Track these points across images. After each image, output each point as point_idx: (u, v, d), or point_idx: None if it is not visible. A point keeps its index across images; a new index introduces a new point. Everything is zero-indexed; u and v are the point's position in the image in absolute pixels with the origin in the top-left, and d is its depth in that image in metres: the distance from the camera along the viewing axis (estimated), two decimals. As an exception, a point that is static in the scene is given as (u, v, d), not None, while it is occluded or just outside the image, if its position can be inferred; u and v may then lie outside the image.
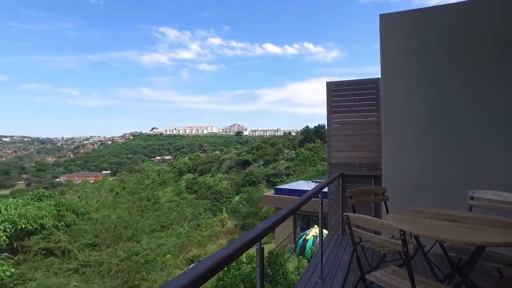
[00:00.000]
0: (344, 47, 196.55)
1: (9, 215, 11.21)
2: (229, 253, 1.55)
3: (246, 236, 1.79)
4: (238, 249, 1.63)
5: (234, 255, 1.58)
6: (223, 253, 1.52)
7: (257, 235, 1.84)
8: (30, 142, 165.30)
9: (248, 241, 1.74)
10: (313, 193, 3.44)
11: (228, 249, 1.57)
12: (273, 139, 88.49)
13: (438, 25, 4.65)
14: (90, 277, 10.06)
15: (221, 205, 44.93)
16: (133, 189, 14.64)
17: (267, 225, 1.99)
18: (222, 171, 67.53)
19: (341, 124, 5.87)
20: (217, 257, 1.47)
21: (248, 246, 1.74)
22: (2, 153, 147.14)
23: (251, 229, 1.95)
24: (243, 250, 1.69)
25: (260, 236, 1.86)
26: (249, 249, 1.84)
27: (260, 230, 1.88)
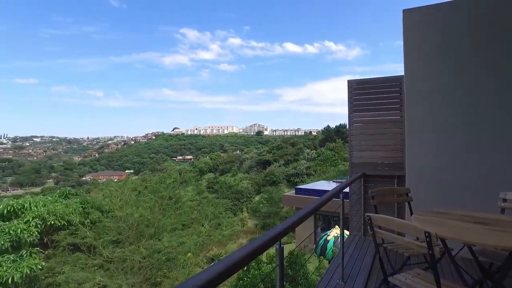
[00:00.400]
0: (366, 45, 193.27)
1: (39, 212, 11.66)
2: (248, 252, 1.53)
3: (266, 235, 1.77)
4: (257, 248, 1.60)
5: (252, 255, 1.56)
6: (242, 252, 1.51)
7: (277, 235, 1.81)
8: (58, 142, 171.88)
9: (267, 240, 1.72)
10: (334, 193, 3.37)
11: (246, 249, 1.55)
12: (293, 138, 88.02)
13: (466, 19, 4.46)
14: (114, 273, 10.33)
15: (241, 205, 45.07)
16: (155, 188, 14.92)
17: (287, 225, 1.96)
18: (242, 170, 67.78)
19: (363, 123, 5.74)
20: (235, 256, 1.45)
21: (267, 245, 1.72)
22: (33, 152, 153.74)
23: (270, 229, 1.93)
24: (262, 249, 1.67)
25: (280, 236, 1.83)
26: (268, 248, 1.82)
27: (279, 230, 1.85)
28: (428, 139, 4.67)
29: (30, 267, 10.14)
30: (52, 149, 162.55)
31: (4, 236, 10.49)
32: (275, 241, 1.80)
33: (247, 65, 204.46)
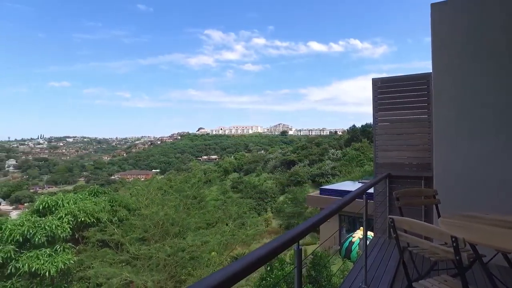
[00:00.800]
0: (393, 42, 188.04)
1: (71, 209, 12.14)
2: (264, 253, 1.52)
3: (284, 236, 1.74)
4: (274, 249, 1.59)
5: (269, 256, 1.54)
6: (258, 253, 1.49)
7: (296, 236, 1.79)
8: (89, 142, 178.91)
9: (285, 241, 1.70)
10: (357, 194, 3.29)
11: (263, 250, 1.54)
12: (318, 138, 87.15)
13: (500, 11, 4.21)
14: (140, 269, 10.62)
15: (265, 205, 45.07)
16: (180, 188, 15.18)
17: (306, 226, 1.93)
18: (267, 170, 67.77)
19: (389, 122, 5.57)
20: (252, 257, 1.44)
21: (285, 247, 1.69)
22: (66, 152, 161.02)
23: (289, 230, 1.90)
24: (280, 250, 1.65)
25: (299, 237, 1.81)
26: (286, 250, 1.79)
27: (298, 231, 1.83)
28: (458, 139, 4.47)
29: (64, 261, 10.57)
30: (83, 149, 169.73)
31: (40, 231, 10.98)
32: (293, 242, 1.78)
33: (271, 65, 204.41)
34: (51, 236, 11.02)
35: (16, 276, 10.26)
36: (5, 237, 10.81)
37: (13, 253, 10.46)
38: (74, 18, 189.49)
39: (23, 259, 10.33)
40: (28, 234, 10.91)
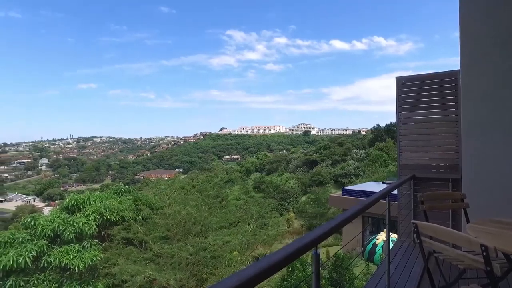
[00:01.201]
0: (419, 39, 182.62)
1: (97, 207, 12.53)
2: (280, 259, 1.48)
3: (301, 240, 1.70)
4: (290, 254, 1.55)
5: (285, 261, 1.50)
6: (274, 258, 1.46)
7: (313, 240, 1.74)
8: (115, 142, 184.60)
9: (302, 246, 1.65)
10: (380, 196, 3.18)
11: (279, 255, 1.50)
12: (341, 138, 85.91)
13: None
14: (163, 267, 10.80)
15: (287, 205, 44.86)
16: (202, 187, 15.35)
17: (325, 230, 1.87)
18: (289, 170, 67.50)
19: (413, 122, 5.38)
20: (266, 262, 1.40)
21: (302, 251, 1.65)
22: (94, 152, 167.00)
23: (306, 233, 1.85)
24: (297, 255, 1.61)
25: (317, 242, 1.76)
26: (303, 254, 1.75)
27: (316, 235, 1.77)
28: (489, 139, 4.24)
29: (91, 257, 10.92)
30: (109, 148, 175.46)
31: (69, 227, 11.41)
32: (311, 247, 1.73)
33: (293, 64, 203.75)
34: (79, 233, 11.41)
35: (48, 270, 10.70)
36: (38, 232, 11.33)
37: (45, 247, 10.93)
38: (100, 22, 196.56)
39: (54, 253, 10.76)
40: (59, 230, 11.37)
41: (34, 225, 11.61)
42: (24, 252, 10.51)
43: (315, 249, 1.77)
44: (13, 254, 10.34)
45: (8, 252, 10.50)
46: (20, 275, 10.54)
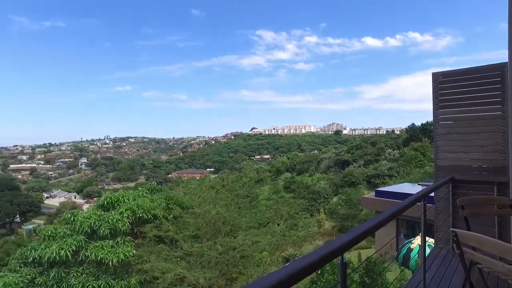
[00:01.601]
0: (459, 32, 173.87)
1: (130, 205, 12.93)
2: (303, 267, 1.38)
3: (325, 248, 1.58)
4: (314, 263, 1.44)
5: (309, 270, 1.40)
6: (295, 267, 1.36)
7: (339, 248, 1.61)
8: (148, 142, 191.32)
9: (327, 254, 1.53)
10: (415, 199, 2.96)
11: (302, 262, 1.40)
12: (374, 138, 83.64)
13: None
14: (193, 266, 10.94)
15: (318, 206, 44.29)
16: (231, 187, 15.42)
17: (351, 237, 1.73)
18: (320, 170, 66.67)
19: (452, 120, 5.02)
20: (288, 271, 1.31)
21: (327, 259, 1.53)
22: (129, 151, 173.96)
23: (332, 240, 1.73)
24: (320, 264, 1.49)
25: (343, 250, 1.63)
26: (328, 262, 1.63)
27: (342, 243, 1.64)
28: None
29: (124, 253, 11.29)
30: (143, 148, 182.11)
31: (105, 224, 11.90)
32: (336, 255, 1.60)
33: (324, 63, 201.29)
34: (113, 229, 11.85)
35: (85, 263, 11.21)
36: (77, 227, 11.92)
37: (83, 242, 11.47)
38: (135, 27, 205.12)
39: (91, 248, 11.26)
40: (95, 226, 11.89)
41: (73, 221, 12.22)
42: (65, 246, 11.10)
43: (341, 257, 1.64)
44: (55, 247, 10.97)
45: (51, 245, 11.14)
46: (61, 267, 11.13)
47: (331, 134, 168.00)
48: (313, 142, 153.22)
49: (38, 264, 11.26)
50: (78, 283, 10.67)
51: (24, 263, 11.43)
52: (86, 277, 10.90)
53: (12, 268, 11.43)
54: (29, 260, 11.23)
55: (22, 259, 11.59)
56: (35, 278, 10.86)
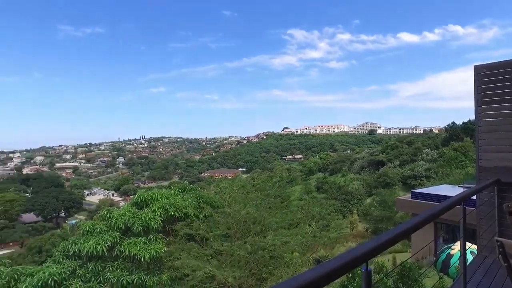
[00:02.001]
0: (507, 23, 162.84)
1: (163, 203, 13.25)
2: (322, 274, 1.27)
3: (349, 254, 1.45)
4: (334, 271, 1.32)
5: (328, 278, 1.29)
6: (313, 274, 1.25)
7: (362, 255, 1.48)
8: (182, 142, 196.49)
9: (349, 261, 1.41)
10: (454, 202, 2.72)
11: (320, 270, 1.29)
12: (410, 137, 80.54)
13: None
14: (222, 264, 11.01)
15: (351, 207, 43.31)
16: (262, 187, 15.33)
17: (377, 243, 1.59)
18: (353, 171, 65.29)
19: (498, 117, 4.62)
20: (306, 278, 1.22)
21: (349, 267, 1.41)
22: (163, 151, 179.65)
23: (357, 246, 1.60)
24: (342, 272, 1.37)
25: (367, 257, 1.50)
26: (350, 271, 1.50)
27: (366, 249, 1.51)
28: None
29: (156, 250, 11.60)
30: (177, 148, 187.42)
31: (138, 221, 12.29)
32: (360, 263, 1.48)
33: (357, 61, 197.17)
34: (146, 227, 12.19)
35: (120, 259, 11.64)
36: (112, 224, 12.39)
37: (118, 238, 11.92)
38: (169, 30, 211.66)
39: (125, 244, 11.68)
40: (129, 223, 12.29)
41: (109, 218, 12.72)
42: (101, 241, 11.59)
43: (365, 265, 1.51)
44: (93, 243, 11.49)
45: (89, 240, 11.69)
46: (98, 261, 11.65)
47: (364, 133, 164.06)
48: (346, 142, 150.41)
49: (78, 257, 11.86)
50: (114, 277, 11.11)
51: (66, 256, 12.08)
52: (121, 271, 11.31)
53: (56, 259, 12.13)
54: (70, 253, 11.86)
55: (64, 251, 12.27)
56: (75, 270, 11.44)
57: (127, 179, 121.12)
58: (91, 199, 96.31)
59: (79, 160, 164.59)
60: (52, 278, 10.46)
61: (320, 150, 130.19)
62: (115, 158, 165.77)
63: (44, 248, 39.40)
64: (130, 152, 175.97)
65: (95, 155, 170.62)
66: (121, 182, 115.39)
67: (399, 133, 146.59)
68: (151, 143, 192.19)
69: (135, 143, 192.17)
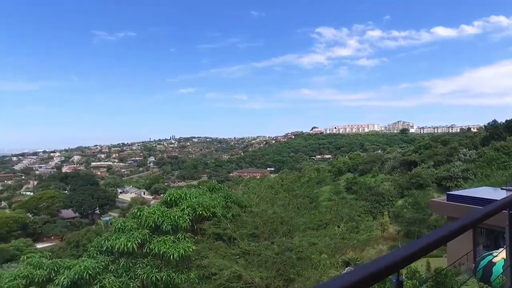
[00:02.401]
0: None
1: (191, 202, 13.42)
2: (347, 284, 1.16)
3: (378, 263, 1.32)
4: (362, 280, 1.20)
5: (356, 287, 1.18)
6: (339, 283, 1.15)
7: (394, 264, 1.34)
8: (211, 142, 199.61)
9: (379, 271, 1.28)
10: (499, 206, 2.47)
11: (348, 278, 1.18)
12: (445, 136, 77.06)
13: None
14: (249, 264, 10.98)
15: (382, 208, 42.07)
16: (290, 187, 15.21)
17: (411, 251, 1.43)
18: (384, 171, 63.38)
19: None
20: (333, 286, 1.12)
21: (379, 277, 1.28)
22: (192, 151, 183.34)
23: (387, 253, 1.46)
24: (371, 282, 1.25)
25: (399, 266, 1.36)
26: (380, 281, 1.37)
27: (398, 258, 1.37)
28: None
29: (184, 248, 11.75)
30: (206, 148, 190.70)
31: (167, 219, 12.52)
32: (391, 273, 1.34)
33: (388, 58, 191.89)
34: (175, 225, 12.39)
35: (150, 256, 11.92)
36: (142, 222, 12.71)
37: (148, 236, 12.20)
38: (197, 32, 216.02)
39: (154, 242, 11.94)
40: (158, 222, 12.55)
41: (140, 216, 13.06)
42: (131, 239, 11.93)
43: (396, 275, 1.37)
44: (124, 239, 11.84)
45: (120, 237, 12.05)
46: (129, 257, 11.99)
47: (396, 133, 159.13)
48: (377, 142, 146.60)
49: (110, 253, 12.27)
50: (144, 273, 11.39)
51: (99, 251, 12.56)
52: (150, 268, 11.58)
53: (90, 254, 12.66)
54: (103, 249, 12.31)
55: (98, 247, 12.75)
56: (108, 265, 11.86)
57: (157, 178, 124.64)
58: (123, 197, 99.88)
59: (112, 159, 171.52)
60: (87, 271, 10.91)
61: (350, 150, 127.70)
62: (146, 158, 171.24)
63: (81, 242, 41.33)
64: (161, 151, 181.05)
65: (128, 155, 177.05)
66: (152, 181, 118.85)
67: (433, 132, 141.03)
68: (181, 143, 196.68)
69: (166, 143, 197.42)
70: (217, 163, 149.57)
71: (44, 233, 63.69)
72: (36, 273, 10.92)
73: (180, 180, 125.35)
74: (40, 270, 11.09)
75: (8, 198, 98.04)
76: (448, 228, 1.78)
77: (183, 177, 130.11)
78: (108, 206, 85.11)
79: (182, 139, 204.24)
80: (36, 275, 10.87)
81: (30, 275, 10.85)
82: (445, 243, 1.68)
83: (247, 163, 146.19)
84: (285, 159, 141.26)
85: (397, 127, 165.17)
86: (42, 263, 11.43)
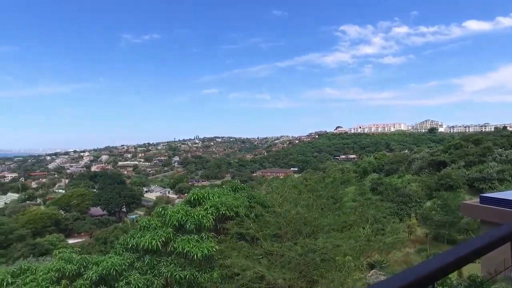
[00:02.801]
0: None
1: (215, 202, 13.49)
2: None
3: (409, 275, 1.21)
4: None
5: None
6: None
7: (428, 276, 1.22)
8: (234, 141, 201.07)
9: (410, 283, 1.17)
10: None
11: None
12: (478, 135, 73.73)
13: None
14: (272, 265, 10.89)
15: (409, 210, 40.88)
16: (314, 187, 14.97)
17: (447, 261, 1.31)
18: (411, 172, 61.63)
19: None
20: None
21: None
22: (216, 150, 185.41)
23: (420, 263, 1.34)
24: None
25: (433, 279, 1.24)
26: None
27: (432, 269, 1.25)
28: None
29: (207, 248, 11.83)
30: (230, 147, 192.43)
31: (191, 219, 12.65)
32: (424, 286, 1.22)
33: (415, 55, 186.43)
34: (198, 225, 12.48)
35: (174, 254, 12.07)
36: (166, 221, 12.90)
37: (172, 235, 12.36)
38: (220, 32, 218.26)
39: (178, 241, 12.07)
40: (182, 221, 12.69)
41: (164, 215, 13.26)
42: (156, 237, 12.11)
43: (431, 287, 1.25)
44: (148, 237, 12.05)
45: (145, 235, 12.28)
46: (154, 255, 12.19)
47: (424, 132, 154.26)
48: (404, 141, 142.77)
49: (136, 251, 12.53)
50: (168, 271, 11.55)
51: (125, 248, 12.85)
52: (174, 267, 11.71)
53: (117, 251, 12.98)
54: (129, 246, 12.58)
55: (124, 244, 13.06)
56: (133, 262, 12.11)
57: (182, 178, 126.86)
58: (149, 196, 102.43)
59: (138, 159, 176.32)
60: (113, 268, 11.21)
61: (375, 150, 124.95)
62: (171, 157, 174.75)
63: (109, 239, 42.76)
64: (185, 151, 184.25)
65: (153, 154, 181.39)
66: (177, 180, 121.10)
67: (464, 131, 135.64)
68: (205, 143, 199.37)
69: (190, 143, 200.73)
70: (241, 162, 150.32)
71: (74, 229, 66.60)
72: (67, 267, 11.37)
73: (204, 179, 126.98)
74: (71, 265, 11.53)
75: (43, 195, 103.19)
76: (489, 237, 1.61)
77: (206, 177, 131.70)
78: (134, 205, 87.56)
79: (206, 139, 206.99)
80: (67, 269, 11.32)
81: (62, 269, 11.30)
82: (487, 253, 1.53)
83: (270, 163, 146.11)
84: (309, 159, 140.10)
85: (425, 126, 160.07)
86: (72, 258, 11.87)
